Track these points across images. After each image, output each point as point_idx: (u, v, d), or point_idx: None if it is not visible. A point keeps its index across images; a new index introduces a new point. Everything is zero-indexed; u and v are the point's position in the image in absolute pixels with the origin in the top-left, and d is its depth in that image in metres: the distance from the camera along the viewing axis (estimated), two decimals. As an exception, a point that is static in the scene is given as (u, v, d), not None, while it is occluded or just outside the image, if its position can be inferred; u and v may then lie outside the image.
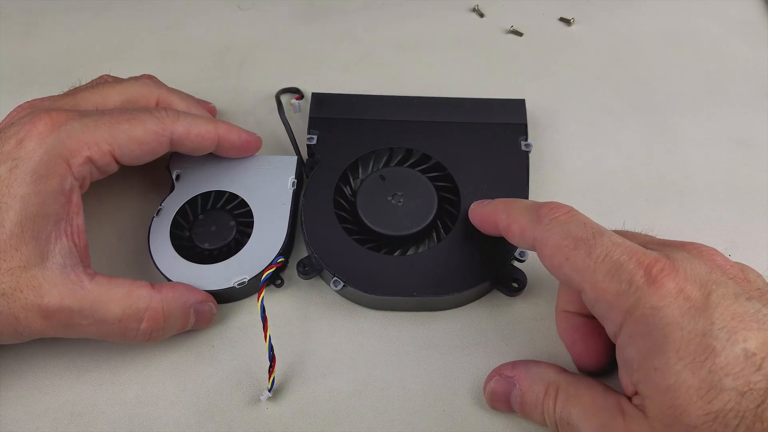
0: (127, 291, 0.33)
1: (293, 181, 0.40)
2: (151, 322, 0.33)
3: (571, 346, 0.34)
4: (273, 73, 0.48)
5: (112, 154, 0.34)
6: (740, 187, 0.42)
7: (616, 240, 0.29)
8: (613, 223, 0.35)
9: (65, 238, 0.32)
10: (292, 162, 0.40)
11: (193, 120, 0.37)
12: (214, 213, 0.39)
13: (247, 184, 0.40)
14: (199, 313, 0.36)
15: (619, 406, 0.28)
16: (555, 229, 0.30)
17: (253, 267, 0.37)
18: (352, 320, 0.37)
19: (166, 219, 0.39)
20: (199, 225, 0.39)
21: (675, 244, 0.30)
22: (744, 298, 0.26)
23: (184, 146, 0.37)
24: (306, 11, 0.52)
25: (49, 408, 0.35)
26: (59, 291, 0.31)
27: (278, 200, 0.39)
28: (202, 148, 0.38)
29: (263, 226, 0.38)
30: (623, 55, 0.49)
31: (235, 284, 0.36)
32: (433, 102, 0.43)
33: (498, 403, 0.33)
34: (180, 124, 0.36)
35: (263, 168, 0.40)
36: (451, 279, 0.36)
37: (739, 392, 0.24)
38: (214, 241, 0.38)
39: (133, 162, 0.35)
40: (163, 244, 0.38)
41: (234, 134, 0.39)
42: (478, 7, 0.51)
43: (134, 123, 0.35)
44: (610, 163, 0.43)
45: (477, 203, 0.37)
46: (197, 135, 0.37)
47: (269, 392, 0.34)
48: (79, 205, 0.33)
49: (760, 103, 0.46)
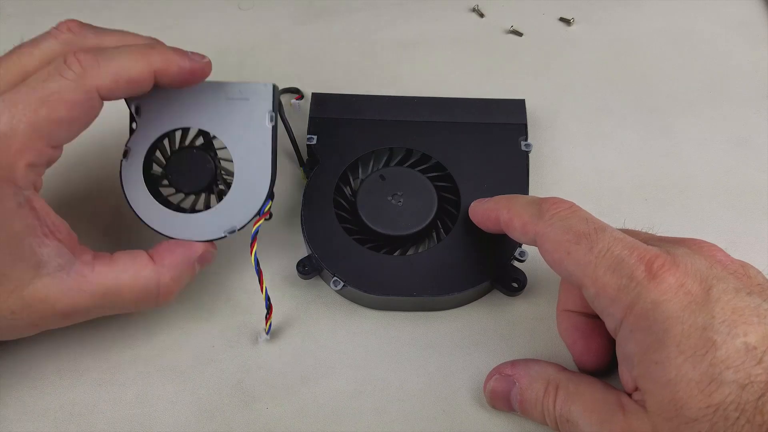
0: (133, 275, 0.32)
1: (271, 115, 0.36)
2: (165, 294, 0.34)
3: (571, 346, 0.34)
4: (273, 73, 0.48)
5: (50, 147, 0.31)
6: (740, 187, 0.42)
7: (618, 235, 0.29)
8: (612, 222, 0.35)
9: (47, 240, 0.31)
10: (267, 91, 0.36)
11: (120, 63, 0.31)
12: (186, 153, 0.36)
13: (218, 117, 0.36)
14: (202, 261, 0.35)
15: (619, 403, 0.28)
16: (557, 224, 0.30)
17: (240, 213, 0.35)
18: (352, 320, 0.37)
19: (136, 163, 0.35)
20: (172, 167, 0.36)
21: (676, 240, 0.30)
22: (744, 292, 0.26)
23: (117, 96, 0.32)
24: (306, 11, 0.52)
25: (49, 408, 0.35)
26: (67, 295, 0.31)
27: (256, 138, 0.36)
28: (139, 90, 0.33)
29: (244, 168, 0.35)
30: (623, 55, 0.49)
31: (225, 233, 0.35)
32: (433, 102, 0.43)
33: (498, 401, 0.33)
34: (104, 73, 0.31)
35: (236, 98, 0.36)
36: (451, 279, 0.36)
37: (740, 385, 0.24)
38: (192, 185, 0.36)
39: (73, 137, 0.32)
40: (140, 192, 0.35)
41: (173, 65, 0.33)
42: (478, 7, 0.51)
43: (52, 104, 0.30)
44: (610, 163, 0.43)
45: (477, 201, 0.37)
46: (128, 81, 0.32)
47: (267, 335, 0.36)
48: (43, 205, 0.31)
49: (760, 103, 0.46)
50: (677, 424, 0.25)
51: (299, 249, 0.40)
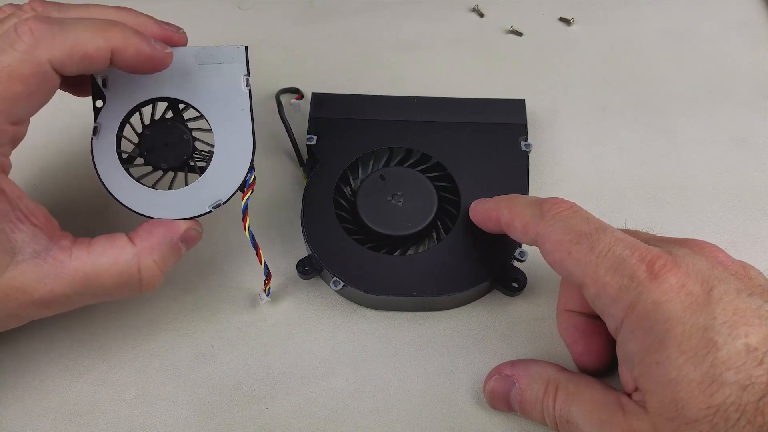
0: (112, 259, 0.31)
1: (246, 79, 0.34)
2: (148, 277, 0.32)
3: (571, 345, 0.34)
4: (273, 73, 0.48)
5: (9, 124, 0.29)
6: (740, 187, 0.42)
7: (619, 235, 0.29)
8: (613, 222, 0.35)
9: (22, 225, 0.29)
10: (240, 53, 0.34)
11: (76, 35, 0.29)
12: (162, 125, 0.34)
13: (191, 85, 0.34)
14: (187, 241, 0.33)
15: (619, 403, 0.28)
16: (558, 224, 0.30)
17: (224, 185, 0.33)
18: (352, 320, 0.37)
19: (108, 139, 0.33)
20: (147, 142, 0.34)
21: (677, 240, 0.30)
22: (746, 294, 0.26)
23: (71, 72, 0.30)
24: (306, 11, 0.52)
25: (49, 408, 0.35)
26: (44, 282, 0.30)
27: (234, 104, 0.34)
28: (95, 69, 0.31)
29: (224, 137, 0.34)
30: (623, 55, 0.49)
31: (210, 208, 0.33)
32: (433, 102, 0.43)
33: (498, 402, 0.33)
34: (58, 45, 0.29)
35: (208, 62, 0.34)
36: (451, 279, 0.36)
37: (741, 386, 0.24)
38: (171, 160, 0.34)
39: (33, 112, 0.31)
40: (115, 170, 0.33)
41: (130, 48, 0.31)
42: (478, 7, 0.51)
43: (3, 79, 0.28)
44: (610, 163, 0.43)
45: (478, 201, 0.37)
46: (83, 56, 0.29)
47: (267, 296, 0.36)
48: (14, 188, 0.30)
49: (760, 103, 0.46)
50: (678, 425, 0.25)
51: (299, 249, 0.40)
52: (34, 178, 0.42)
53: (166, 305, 0.38)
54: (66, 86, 0.34)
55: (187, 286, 0.38)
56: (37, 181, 0.42)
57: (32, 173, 0.42)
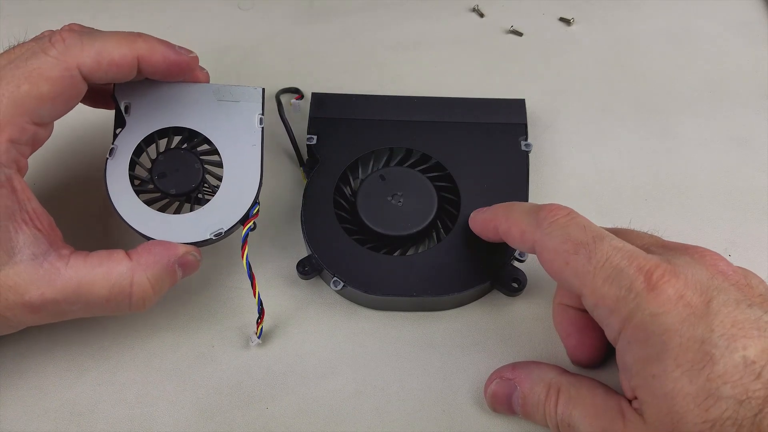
0: (106, 270, 0.31)
1: (260, 117, 0.36)
2: (140, 294, 0.32)
3: (565, 339, 0.34)
4: (273, 73, 0.48)
5: (32, 124, 0.31)
6: (740, 187, 0.42)
7: (617, 244, 0.28)
8: (613, 223, 0.35)
9: (26, 227, 0.30)
10: (257, 94, 0.37)
11: (103, 43, 0.31)
12: (175, 153, 0.36)
13: (208, 118, 0.36)
14: (184, 266, 0.34)
15: (620, 409, 0.28)
16: (555, 232, 0.30)
17: (227, 215, 0.35)
18: (352, 320, 0.37)
19: (122, 161, 0.35)
20: (159, 167, 0.35)
21: (678, 247, 0.30)
22: (745, 304, 0.26)
23: (99, 78, 0.32)
24: (306, 11, 0.52)
25: (49, 408, 0.35)
26: (37, 285, 0.30)
27: (246, 139, 0.36)
28: (122, 76, 0.33)
29: (234, 170, 0.35)
30: (623, 55, 0.49)
31: (211, 235, 0.34)
32: (433, 102, 0.43)
33: (499, 405, 0.33)
34: (86, 52, 0.31)
35: (225, 99, 0.36)
36: (451, 279, 0.36)
37: (737, 401, 0.24)
38: (180, 186, 0.35)
39: (57, 116, 0.32)
40: (124, 191, 0.34)
41: (158, 54, 0.33)
42: (478, 7, 0.51)
43: (33, 80, 0.30)
44: (610, 163, 0.43)
45: (477, 211, 0.37)
46: (110, 62, 0.32)
47: (258, 338, 0.35)
48: (25, 189, 0.31)
49: (760, 103, 0.46)
50: None
51: (299, 249, 0.40)
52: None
53: (167, 305, 0.38)
54: (86, 98, 0.35)
55: (187, 286, 0.38)
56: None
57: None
